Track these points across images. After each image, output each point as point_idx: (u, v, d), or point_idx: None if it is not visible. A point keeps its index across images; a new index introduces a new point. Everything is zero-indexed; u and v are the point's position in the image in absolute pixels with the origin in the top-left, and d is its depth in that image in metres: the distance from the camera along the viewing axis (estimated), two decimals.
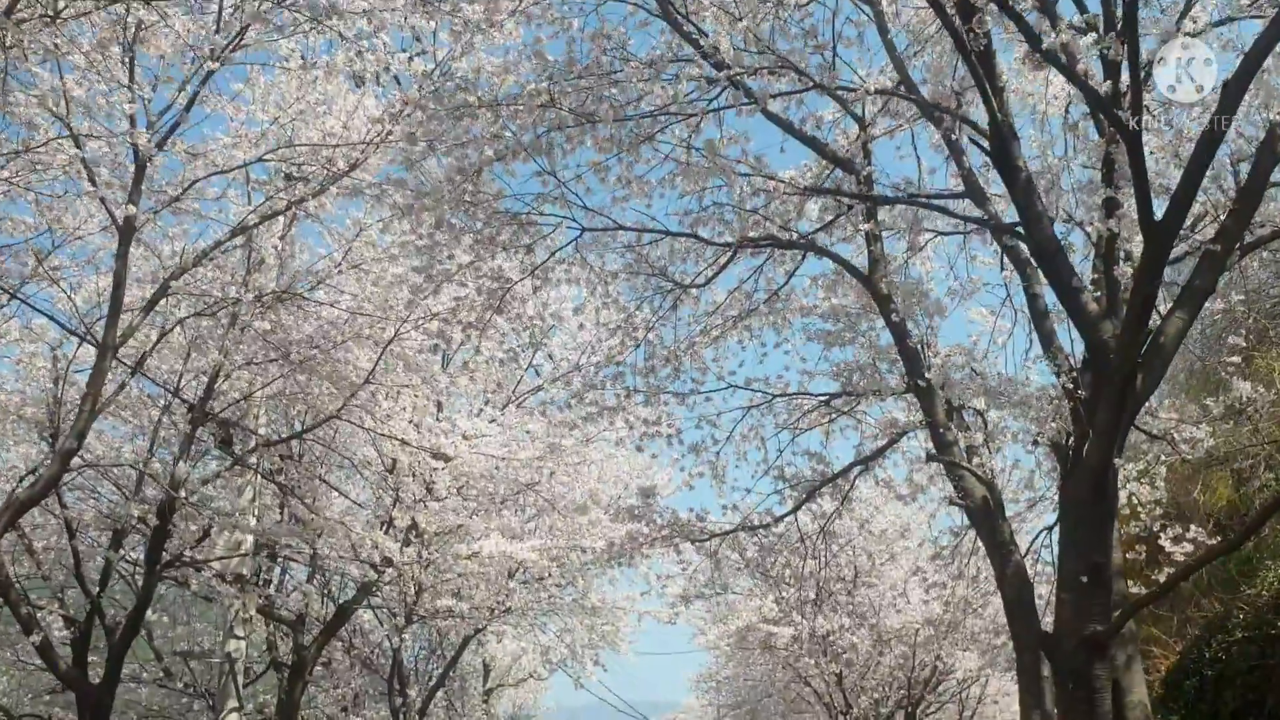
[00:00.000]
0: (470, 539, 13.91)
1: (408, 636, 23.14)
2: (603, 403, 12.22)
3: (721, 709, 33.09)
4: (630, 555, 12.77)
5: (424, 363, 12.68)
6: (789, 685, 27.54)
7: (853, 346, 10.85)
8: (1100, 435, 6.74)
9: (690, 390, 11.96)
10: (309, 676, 18.25)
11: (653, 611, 19.00)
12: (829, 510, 11.78)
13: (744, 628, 21.71)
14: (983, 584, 12.38)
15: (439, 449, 13.03)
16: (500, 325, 11.15)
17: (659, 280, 11.41)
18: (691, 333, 11.91)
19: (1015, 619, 7.92)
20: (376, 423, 13.18)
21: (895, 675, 23.27)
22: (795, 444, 11.56)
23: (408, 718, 20.24)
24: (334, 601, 17.43)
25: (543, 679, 24.51)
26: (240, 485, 15.91)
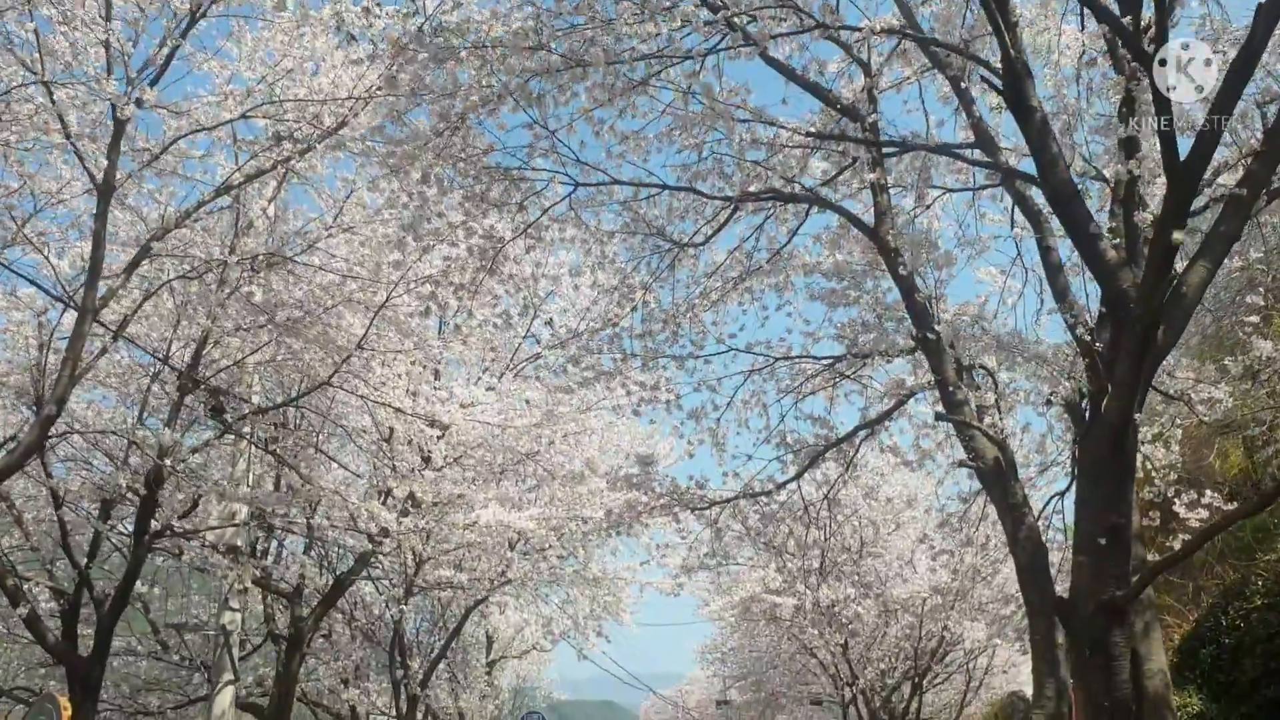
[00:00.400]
0: (468, 509, 13.53)
1: (409, 608, 22.86)
2: (599, 367, 11.83)
3: (726, 680, 32.86)
4: (629, 524, 12.40)
5: (417, 327, 12.26)
6: (794, 656, 27.28)
7: (857, 306, 10.41)
8: (1120, 389, 6.32)
9: (689, 354, 11.55)
10: (307, 649, 17.95)
11: (655, 583, 18.65)
12: (833, 477, 11.37)
13: (748, 598, 21.37)
14: (992, 551, 11.99)
15: (434, 417, 12.64)
16: (493, 288, 10.72)
17: (656, 240, 11.00)
18: (690, 295, 11.50)
19: (1028, 584, 7.52)
20: (370, 390, 12.79)
21: (902, 646, 22.95)
22: (798, 409, 11.15)
23: (409, 690, 19.94)
24: (332, 573, 17.07)
25: (546, 650, 24.20)
26: (234, 455, 15.58)
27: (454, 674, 22.47)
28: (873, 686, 24.04)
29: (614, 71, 8.03)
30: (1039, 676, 7.30)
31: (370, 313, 12.20)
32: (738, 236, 11.22)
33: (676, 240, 10.97)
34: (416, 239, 9.99)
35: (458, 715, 22.62)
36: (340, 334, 12.58)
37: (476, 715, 22.84)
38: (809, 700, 31.62)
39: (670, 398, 11.76)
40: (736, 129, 7.93)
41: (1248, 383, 10.26)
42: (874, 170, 8.43)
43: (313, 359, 12.66)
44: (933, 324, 8.30)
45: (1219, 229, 6.59)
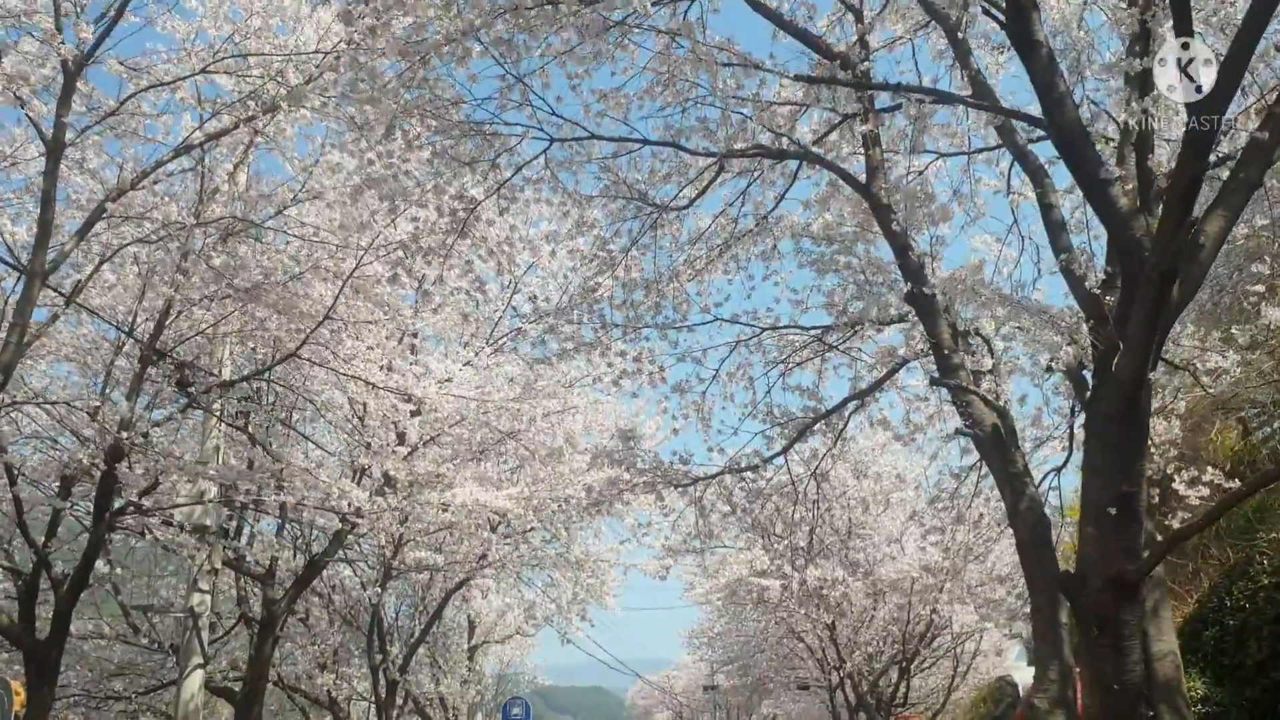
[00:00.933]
0: (444, 488, 12.97)
1: (389, 592, 22.31)
2: (580, 338, 11.28)
3: (714, 664, 32.43)
4: (610, 502, 11.87)
5: (388, 297, 11.67)
6: (781, 640, 26.83)
7: (847, 272, 9.85)
8: (1133, 345, 5.78)
9: (672, 323, 11.00)
10: (280, 632, 17.39)
11: (639, 565, 18.15)
12: (821, 453, 10.84)
13: (734, 581, 20.87)
14: (984, 530, 11.47)
15: (407, 391, 12.07)
16: (466, 254, 10.12)
17: (638, 205, 10.45)
18: (674, 263, 10.95)
19: (1029, 558, 6.98)
20: (340, 362, 12.21)
21: (889, 629, 22.49)
22: (785, 382, 10.60)
23: (388, 675, 19.42)
24: (305, 554, 16.50)
25: (529, 636, 23.67)
26: (205, 431, 14.99)
27: (435, 659, 21.93)
28: (860, 671, 23.60)
29: (590, 13, 7.45)
30: (1041, 658, 6.77)
31: (340, 281, 11.62)
32: (722, 201, 10.64)
33: (659, 204, 10.41)
34: (383, 199, 9.42)
35: (439, 701, 22.10)
36: (308, 304, 12.00)
37: (458, 701, 22.32)
38: (796, 685, 31.22)
39: (653, 369, 11.23)
40: (721, 75, 7.36)
41: (1254, 352, 9.74)
42: (866, 121, 7.87)
43: (279, 329, 12.07)
44: (927, 283, 7.74)
45: (1239, 175, 6.04)
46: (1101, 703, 6.03)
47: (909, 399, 11.00)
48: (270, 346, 13.44)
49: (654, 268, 10.94)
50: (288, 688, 19.73)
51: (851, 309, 10.23)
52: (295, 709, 19.49)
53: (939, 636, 23.09)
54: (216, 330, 12.52)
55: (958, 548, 10.96)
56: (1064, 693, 6.51)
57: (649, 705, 53.92)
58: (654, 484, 11.54)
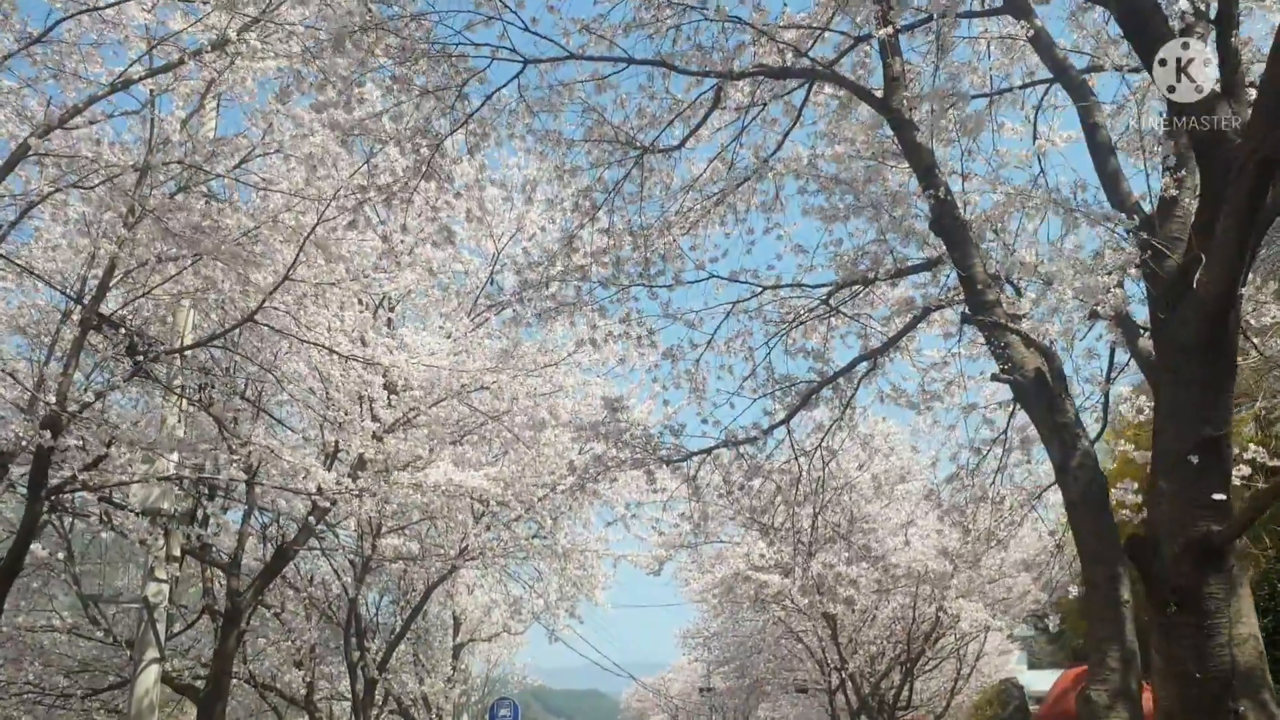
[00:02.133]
0: (415, 469, 11.81)
1: (370, 587, 21.11)
2: (560, 297, 10.14)
3: (710, 665, 31.20)
4: (595, 480, 10.69)
5: (351, 252, 10.52)
6: (780, 641, 25.64)
7: (860, 219, 8.68)
8: (1221, 252, 4.63)
9: (662, 282, 9.85)
10: (247, 626, 16.21)
11: (630, 556, 16.93)
12: (827, 424, 9.69)
13: (731, 575, 19.69)
14: (1008, 513, 10.30)
15: (372, 358, 10.91)
16: (434, 199, 8.97)
17: (624, 149, 9.32)
18: (666, 212, 9.80)
19: (1083, 522, 5.83)
20: (303, 329, 11.05)
21: (893, 629, 21.32)
22: (788, 345, 9.45)
23: (367, 673, 18.21)
24: (273, 544, 15.32)
25: (517, 634, 22.47)
26: (164, 408, 13.82)
27: (418, 657, 20.73)
28: (862, 672, 22.40)
29: None
30: (1097, 642, 5.60)
31: (301, 238, 10.47)
32: (718, 144, 9.50)
33: (646, 146, 9.28)
34: (334, 128, 8.30)
35: (422, 700, 20.90)
36: (268, 264, 10.86)
37: (443, 701, 21.12)
38: (794, 688, 30.00)
39: (642, 332, 10.08)
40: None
41: None
42: (884, 25, 6.72)
43: (237, 292, 10.91)
44: (956, 211, 6.59)
45: None
46: (1178, 696, 4.88)
47: (923, 368, 9.84)
48: (225, 312, 12.28)
49: (642, 219, 9.81)
50: (261, 686, 18.52)
51: (861, 265, 9.06)
52: (269, 709, 18.26)
53: (945, 636, 21.88)
54: (168, 294, 11.37)
55: (978, 532, 9.80)
56: (1126, 684, 5.35)
57: (643, 708, 52.62)
58: (643, 461, 10.39)
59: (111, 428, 11.33)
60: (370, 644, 19.02)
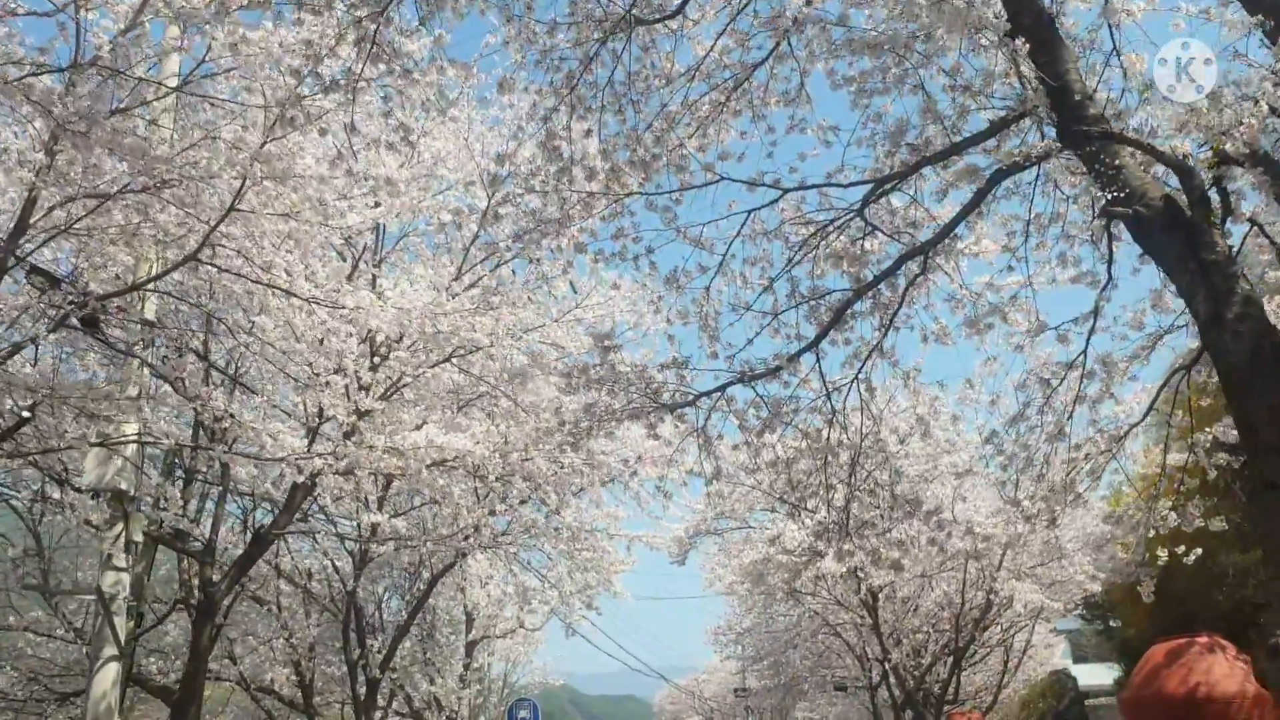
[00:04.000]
0: (391, 431, 10.15)
1: (376, 582, 19.48)
2: (544, 213, 8.46)
3: (744, 663, 29.34)
4: (587, 435, 8.98)
5: (307, 170, 8.86)
6: (816, 635, 23.80)
7: (903, 89, 6.91)
8: None
9: (666, 188, 8.15)
10: (225, 619, 14.64)
11: (645, 537, 15.20)
12: (864, 350, 7.93)
13: (759, 560, 17.89)
14: (1083, 463, 8.46)
15: (336, 301, 9.26)
16: (385, 89, 7.32)
17: (612, 24, 7.66)
18: (668, 102, 8.10)
19: (1251, 396, 4.06)
20: (254, 270, 9.42)
21: (939, 616, 19.45)
22: (818, 253, 7.71)
23: (368, 672, 16.57)
24: (252, 530, 13.73)
25: (534, 629, 20.77)
26: (127, 377, 12.24)
27: (428, 657, 19.07)
28: (905, 665, 20.51)
29: None
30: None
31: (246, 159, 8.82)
32: (729, 10, 7.79)
33: (639, 16, 7.61)
34: None
35: (434, 702, 19.23)
36: (210, 196, 9.24)
37: (455, 702, 19.44)
38: (832, 685, 28.12)
39: (640, 251, 8.38)
40: None
41: None
42: None
43: (171, 222, 9.28)
44: (1039, 3, 4.85)
45: None
46: None
47: (976, 292, 8.05)
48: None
49: (638, 115, 8.12)
50: (258, 689, 16.92)
51: (902, 152, 7.30)
52: (262, 712, 16.64)
53: (994, 624, 19.95)
54: (82, 222, 9.75)
55: (1050, 485, 8.00)
56: None
57: (677, 710, 50.75)
58: (645, 410, 8.67)
59: (41, 391, 9.75)
60: (373, 641, 17.40)
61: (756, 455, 8.82)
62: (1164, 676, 8.99)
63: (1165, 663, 9.14)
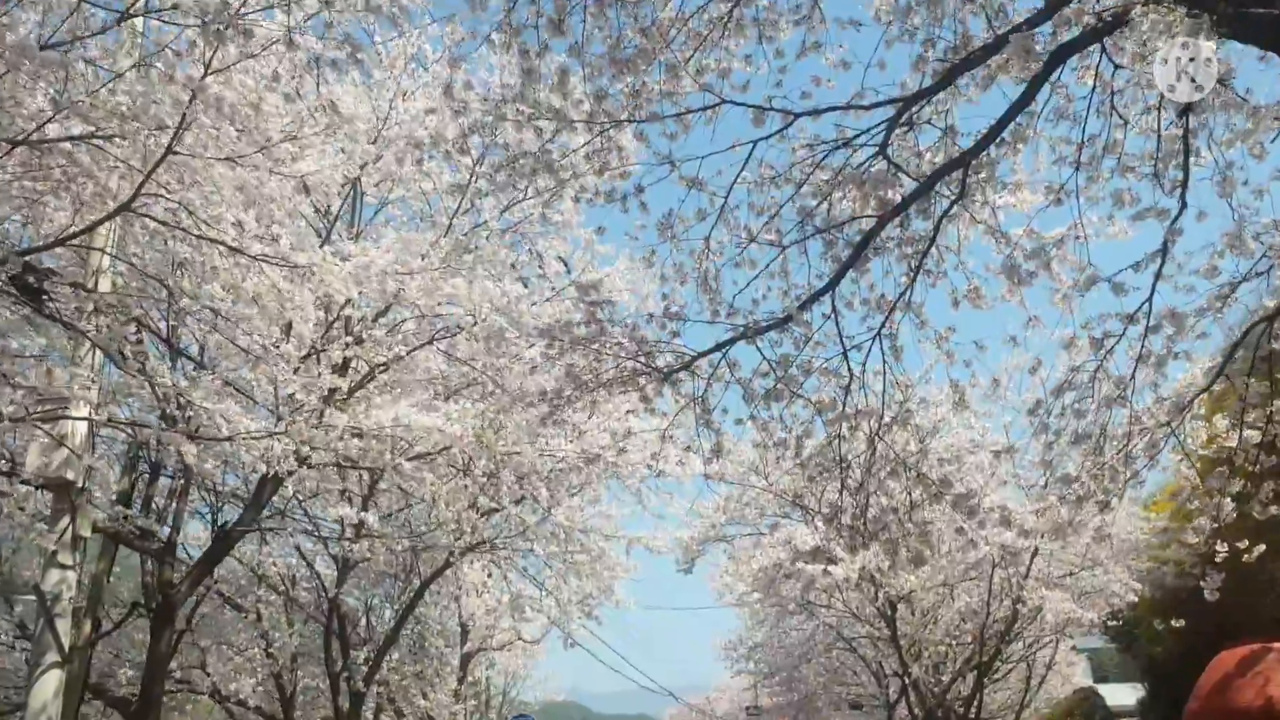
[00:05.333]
0: (356, 407, 8.94)
1: (369, 591, 18.25)
2: (518, 147, 7.27)
3: (756, 679, 27.89)
4: (570, 404, 7.76)
5: (249, 116, 7.68)
6: (831, 649, 22.41)
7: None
8: None
9: (656, 108, 6.96)
10: (187, 626, 13.43)
11: (646, 539, 13.90)
12: (890, 295, 6.69)
13: (770, 566, 16.57)
14: (1136, 438, 7.18)
15: (288, 258, 8.06)
16: None
17: None
18: (657, 14, 6.90)
19: None
20: (198, 223, 8.24)
21: (961, 628, 18.07)
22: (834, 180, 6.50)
23: (352, 685, 15.30)
24: (216, 528, 12.51)
25: (533, 641, 19.43)
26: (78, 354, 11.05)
27: (420, 669, 17.78)
28: (925, 680, 19.09)
29: None
30: None
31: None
32: None
33: None
34: None
35: (426, 717, 17.92)
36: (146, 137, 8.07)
37: (448, 716, 18.11)
38: (848, 704, 26.66)
39: (631, 191, 7.17)
40: None
41: None
42: None
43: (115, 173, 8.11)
44: None
45: None
46: None
47: (1013, 239, 6.80)
48: None
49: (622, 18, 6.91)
50: (236, 703, 15.65)
51: (933, 63, 6.08)
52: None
53: (1019, 637, 18.53)
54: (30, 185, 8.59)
55: (1105, 462, 6.73)
56: None
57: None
58: (636, 375, 7.45)
59: None
60: (359, 652, 16.14)
61: (764, 430, 7.58)
62: (1237, 687, 7.68)
63: (1238, 671, 7.84)
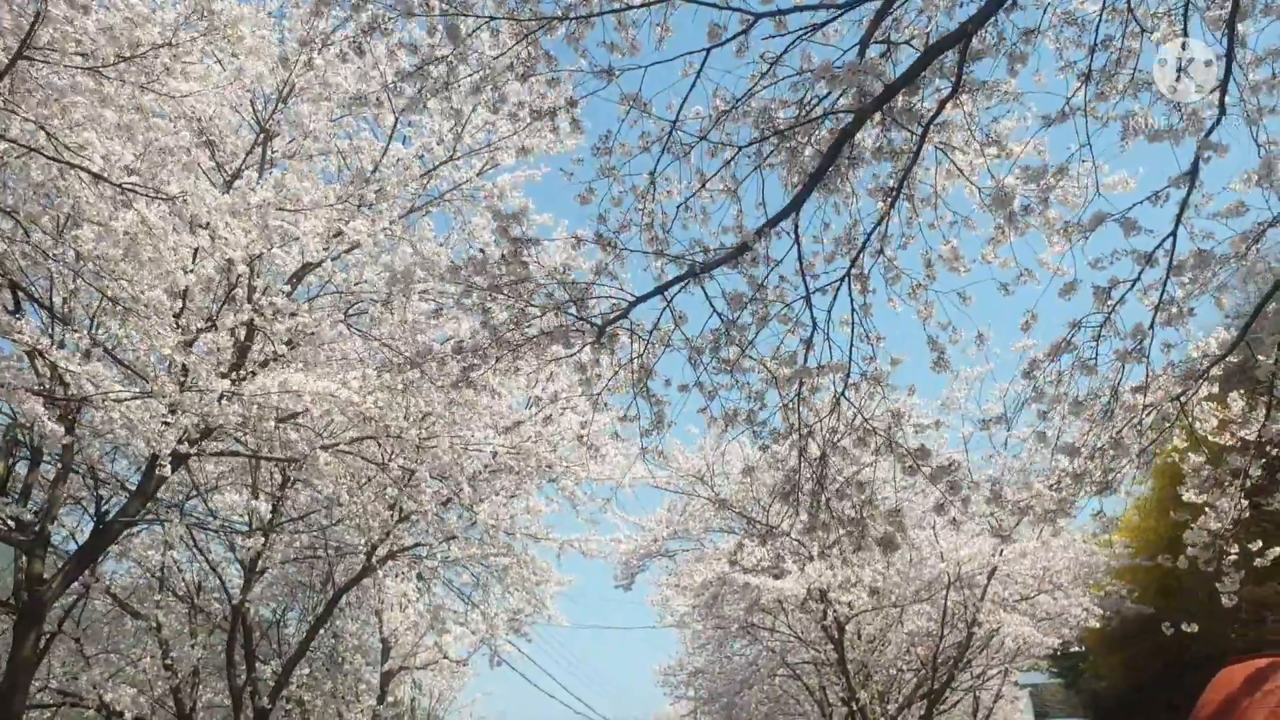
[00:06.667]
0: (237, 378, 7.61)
1: (284, 602, 16.75)
2: (428, 53, 6.07)
3: (697, 704, 26.45)
4: (486, 360, 6.54)
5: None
6: (773, 675, 21.09)
7: None
8: None
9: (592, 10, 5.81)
10: (64, 632, 11.91)
11: (578, 542, 12.60)
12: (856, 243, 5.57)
13: (714, 579, 15.31)
14: (1119, 419, 6.08)
15: (158, 189, 6.75)
16: None
17: None
18: None
19: None
20: (58, 148, 6.94)
21: (912, 652, 16.90)
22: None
23: (256, 701, 13.78)
24: (96, 519, 11.06)
25: (459, 661, 17.97)
26: None
27: (335, 687, 16.26)
28: (871, 709, 17.86)
29: None
30: None
31: None
32: None
33: None
34: None
35: None
36: None
37: None
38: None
39: (562, 105, 6.02)
40: None
41: None
42: None
43: None
44: None
45: None
46: None
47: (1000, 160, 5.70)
48: None
49: None
50: (136, 719, 14.04)
51: None
52: None
53: (972, 664, 17.37)
54: None
55: (1104, 429, 5.63)
56: None
57: None
58: (566, 331, 6.24)
59: None
60: (266, 665, 14.63)
61: (711, 398, 6.38)
62: (1247, 708, 6.54)
63: (1245, 689, 6.71)
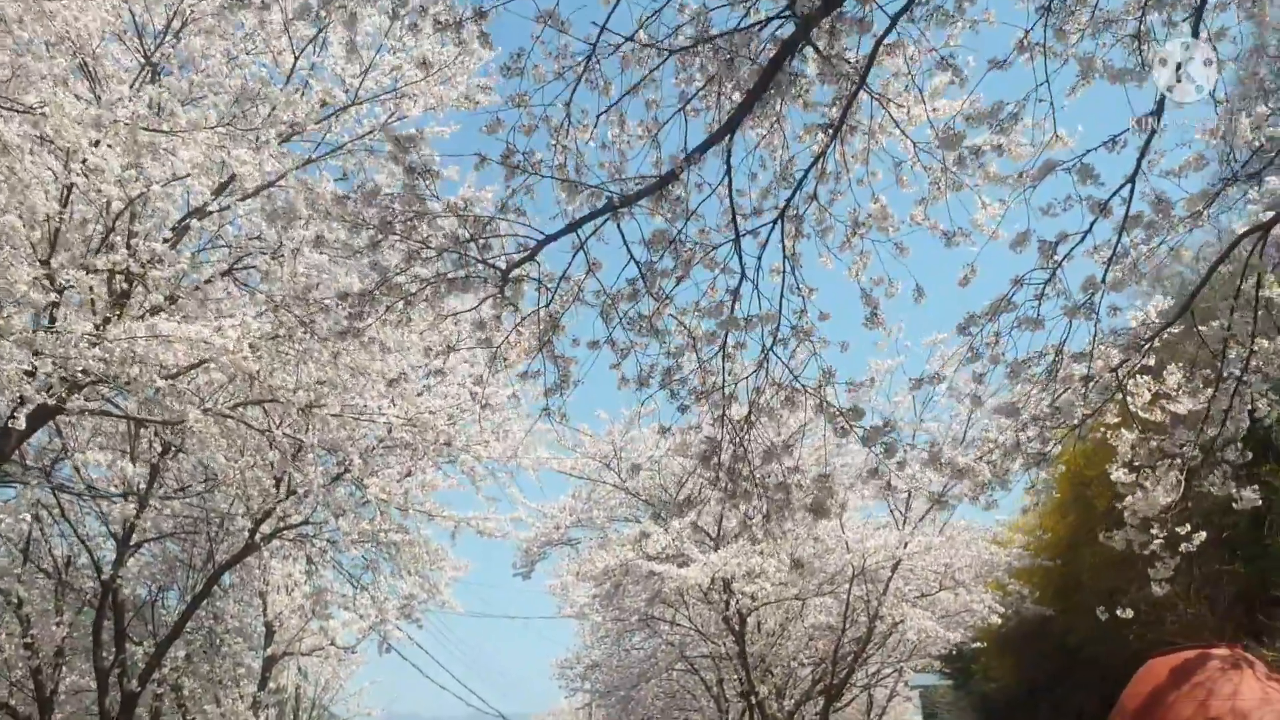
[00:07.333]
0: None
1: (135, 567, 15.56)
2: None
3: (593, 697, 25.81)
4: (374, 307, 5.83)
5: None
6: (671, 669, 20.60)
7: None
8: None
9: None
10: None
11: (474, 520, 11.89)
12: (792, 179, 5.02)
13: (616, 566, 14.74)
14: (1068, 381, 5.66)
15: (15, 99, 5.89)
16: None
17: None
18: None
19: None
20: None
21: (812, 646, 16.54)
22: None
23: (124, 684, 12.77)
24: None
25: (347, 648, 17.02)
26: None
27: (212, 671, 15.25)
28: (769, 703, 17.47)
29: None
30: None
31: None
32: None
33: None
34: None
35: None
36: None
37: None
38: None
39: (468, 14, 5.37)
40: None
41: None
42: None
43: None
44: None
45: None
46: None
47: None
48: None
49: None
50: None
51: None
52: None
53: (867, 661, 17.08)
54: None
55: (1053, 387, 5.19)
56: None
57: None
58: (467, 281, 5.59)
59: None
60: (137, 647, 13.61)
61: (624, 356, 5.78)
62: (1173, 701, 6.17)
63: (1172, 682, 6.34)
